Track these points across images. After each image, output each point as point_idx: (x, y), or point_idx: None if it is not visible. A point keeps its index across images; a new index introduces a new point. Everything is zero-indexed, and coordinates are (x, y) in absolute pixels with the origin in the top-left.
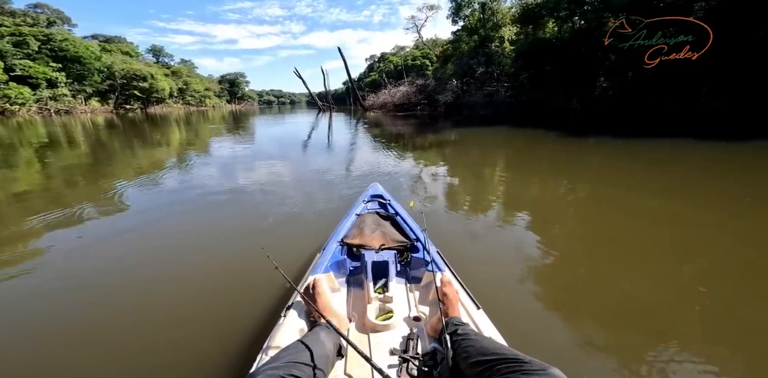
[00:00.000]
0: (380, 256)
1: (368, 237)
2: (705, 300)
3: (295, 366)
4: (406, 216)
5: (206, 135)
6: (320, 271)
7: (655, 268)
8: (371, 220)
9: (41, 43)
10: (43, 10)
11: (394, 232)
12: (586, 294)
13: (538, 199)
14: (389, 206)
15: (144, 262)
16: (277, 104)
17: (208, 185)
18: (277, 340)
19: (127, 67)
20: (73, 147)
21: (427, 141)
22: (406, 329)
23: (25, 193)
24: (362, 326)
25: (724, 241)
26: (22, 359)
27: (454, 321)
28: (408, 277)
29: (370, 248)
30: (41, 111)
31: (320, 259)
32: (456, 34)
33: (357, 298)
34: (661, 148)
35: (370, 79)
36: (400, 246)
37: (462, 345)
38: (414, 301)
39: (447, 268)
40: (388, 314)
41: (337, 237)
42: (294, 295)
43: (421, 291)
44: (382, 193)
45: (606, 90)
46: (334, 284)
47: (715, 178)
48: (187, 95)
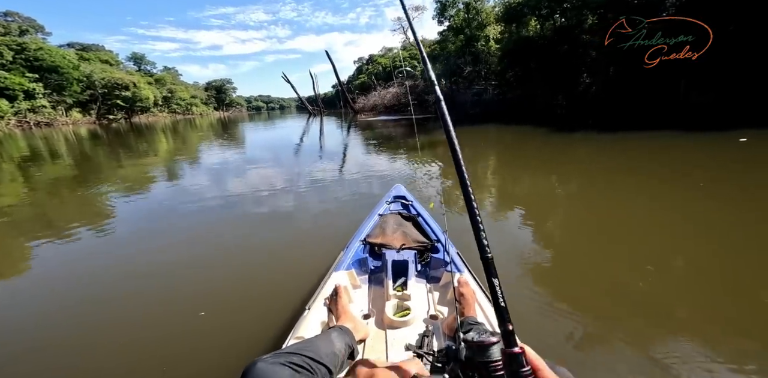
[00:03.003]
0: (401, 255)
1: (390, 237)
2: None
3: (297, 356)
4: (428, 217)
5: (195, 143)
6: (343, 268)
7: (685, 275)
8: (393, 220)
9: (15, 53)
10: (14, 18)
11: (416, 233)
12: (604, 299)
13: (557, 201)
14: (411, 207)
15: (185, 259)
16: (266, 110)
17: (218, 193)
18: (300, 331)
19: (107, 75)
20: (56, 160)
21: (425, 142)
22: (422, 326)
23: (9, 208)
24: (380, 322)
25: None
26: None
27: (469, 320)
28: (427, 277)
29: (391, 247)
30: (20, 124)
31: (343, 257)
32: (442, 35)
33: (377, 294)
34: (654, 140)
35: (360, 82)
36: (421, 246)
37: None
38: (432, 300)
39: (466, 269)
40: (406, 311)
41: (360, 236)
42: (317, 292)
43: (440, 291)
44: (405, 194)
45: (590, 86)
46: (356, 281)
47: (700, 167)
48: (173, 103)
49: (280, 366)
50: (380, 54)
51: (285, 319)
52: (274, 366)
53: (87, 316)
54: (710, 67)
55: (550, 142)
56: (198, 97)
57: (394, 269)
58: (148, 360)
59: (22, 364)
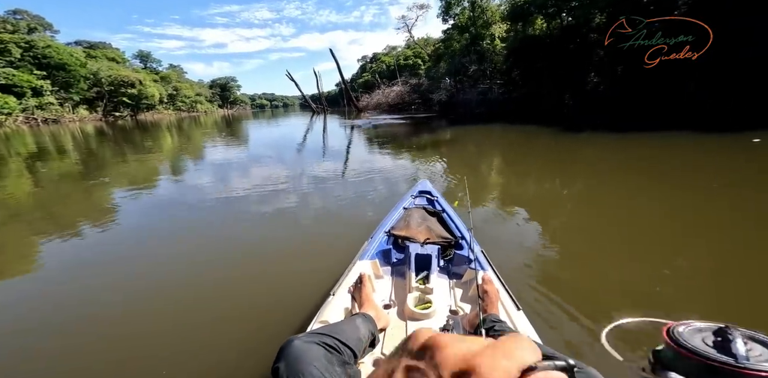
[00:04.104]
0: (424, 249)
1: (414, 230)
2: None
3: (329, 338)
4: (453, 214)
5: (201, 141)
6: (367, 258)
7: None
8: (418, 214)
9: (23, 51)
10: (23, 16)
11: (440, 228)
12: (616, 296)
13: (570, 203)
14: (437, 203)
15: (211, 252)
16: (270, 108)
17: (236, 190)
18: (324, 316)
19: (114, 73)
20: (63, 157)
21: (434, 141)
22: (442, 320)
23: (14, 202)
24: (401, 313)
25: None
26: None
27: (492, 317)
28: (449, 273)
29: (415, 241)
30: (28, 121)
31: (367, 247)
32: (447, 33)
33: (399, 286)
34: (664, 140)
35: (363, 80)
36: (445, 242)
37: None
38: (453, 296)
39: (490, 267)
40: (427, 304)
41: (384, 227)
42: (341, 280)
43: (462, 287)
44: (431, 189)
45: (597, 85)
46: (379, 271)
47: (707, 170)
48: (178, 101)
49: (314, 345)
50: (384, 52)
51: (310, 303)
52: (310, 344)
53: (113, 305)
54: (717, 66)
55: (559, 141)
56: (202, 95)
57: (417, 263)
58: (188, 344)
59: (35, 361)
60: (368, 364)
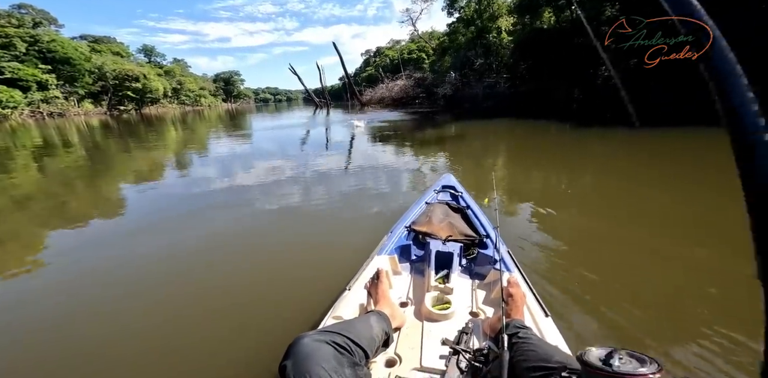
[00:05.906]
0: (446, 246)
1: (436, 226)
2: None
3: (340, 337)
4: (478, 211)
5: (205, 135)
6: (385, 253)
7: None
8: (441, 210)
9: (28, 45)
10: (28, 10)
11: (463, 225)
12: (675, 319)
13: (629, 209)
14: (461, 199)
15: (225, 243)
16: (273, 102)
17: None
18: (338, 311)
19: (118, 67)
20: (70, 151)
21: (447, 136)
22: (461, 322)
23: (20, 195)
24: (418, 312)
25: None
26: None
27: (516, 323)
28: (471, 272)
29: (436, 237)
30: (34, 114)
31: (387, 241)
32: (452, 26)
33: (417, 284)
34: (679, 135)
35: (367, 74)
36: (468, 240)
37: (522, 348)
38: (474, 297)
39: (516, 269)
40: (446, 305)
41: (405, 222)
42: (358, 274)
43: (484, 288)
44: (455, 184)
45: (608, 79)
46: (397, 267)
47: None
48: (182, 95)
49: (324, 344)
50: (388, 46)
51: (325, 297)
52: (320, 343)
53: (127, 298)
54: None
55: (581, 138)
56: (206, 89)
57: (438, 260)
58: (199, 336)
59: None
60: (380, 363)
